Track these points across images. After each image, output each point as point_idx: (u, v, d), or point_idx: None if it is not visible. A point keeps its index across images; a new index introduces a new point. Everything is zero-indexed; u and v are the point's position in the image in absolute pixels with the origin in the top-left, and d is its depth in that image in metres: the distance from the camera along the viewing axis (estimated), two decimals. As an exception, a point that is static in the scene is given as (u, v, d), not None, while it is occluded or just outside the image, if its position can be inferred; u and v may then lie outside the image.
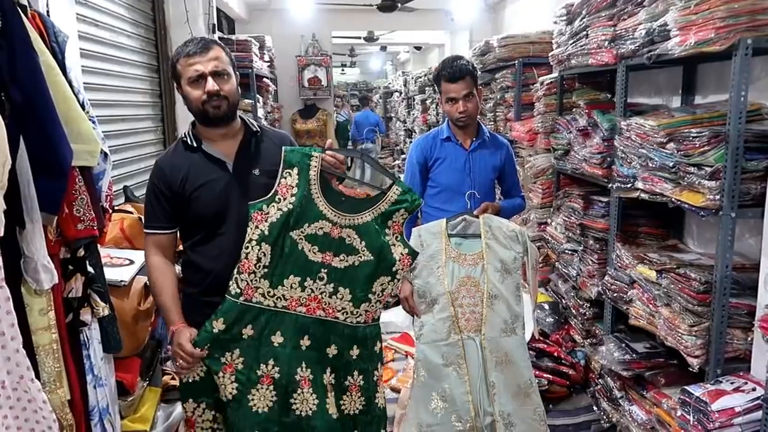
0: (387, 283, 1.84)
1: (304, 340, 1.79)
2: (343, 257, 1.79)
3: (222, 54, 1.79)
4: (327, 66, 6.66)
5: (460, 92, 2.44)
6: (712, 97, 2.61)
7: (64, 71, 1.43)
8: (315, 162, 1.75)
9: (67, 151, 1.33)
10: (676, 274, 2.25)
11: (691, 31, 2.02)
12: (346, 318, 1.82)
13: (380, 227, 1.81)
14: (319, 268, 1.78)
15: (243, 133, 1.88)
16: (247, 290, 1.74)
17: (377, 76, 19.65)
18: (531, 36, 4.40)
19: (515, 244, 2.31)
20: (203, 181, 1.79)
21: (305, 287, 1.77)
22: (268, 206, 1.72)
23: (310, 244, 1.76)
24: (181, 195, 1.79)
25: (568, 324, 3.47)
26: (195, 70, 1.73)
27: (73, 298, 1.50)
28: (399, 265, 1.83)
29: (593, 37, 2.87)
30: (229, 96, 1.78)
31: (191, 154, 1.82)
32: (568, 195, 3.38)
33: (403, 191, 1.82)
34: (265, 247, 1.72)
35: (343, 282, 1.80)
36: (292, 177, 1.74)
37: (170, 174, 1.79)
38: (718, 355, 2.09)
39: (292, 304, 1.78)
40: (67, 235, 1.43)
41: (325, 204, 1.76)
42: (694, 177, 2.09)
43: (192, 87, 1.75)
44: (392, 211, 1.81)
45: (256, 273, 1.73)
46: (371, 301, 1.83)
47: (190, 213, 1.80)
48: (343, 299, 1.81)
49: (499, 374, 2.28)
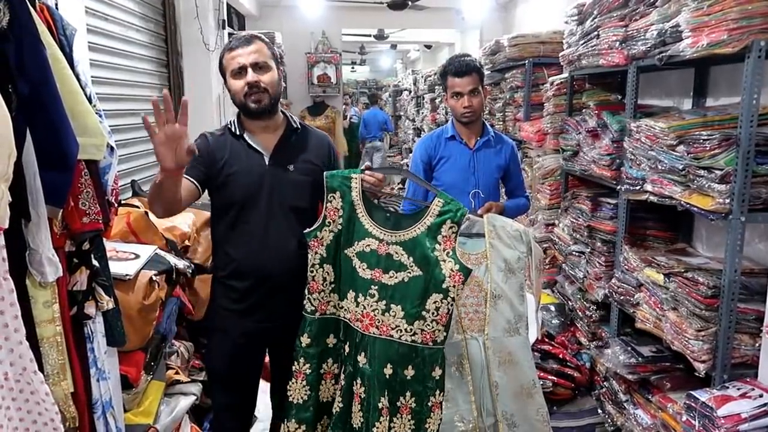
0: (440, 302, 1.79)
1: (361, 357, 1.83)
2: (392, 274, 1.81)
3: (263, 47, 1.86)
4: (336, 63, 6.66)
5: (465, 87, 2.43)
6: (724, 99, 2.58)
7: (71, 65, 1.43)
8: (355, 183, 1.82)
9: (73, 144, 1.33)
10: (684, 277, 2.23)
11: (703, 32, 2.00)
12: (401, 336, 1.81)
13: (430, 242, 1.79)
14: (369, 284, 1.82)
15: (284, 128, 1.94)
16: (320, 306, 1.87)
17: (387, 74, 19.64)
18: (541, 36, 4.37)
19: (519, 243, 2.29)
20: (239, 167, 1.86)
21: (359, 303, 1.83)
22: (321, 231, 1.83)
23: (360, 261, 1.83)
24: (218, 174, 1.86)
25: (574, 326, 3.45)
26: (237, 62, 1.82)
27: (78, 291, 1.50)
28: (449, 281, 1.78)
29: (604, 38, 2.84)
30: (270, 88, 1.84)
31: (234, 140, 1.89)
32: (576, 196, 3.36)
33: (446, 202, 1.81)
34: (327, 267, 1.84)
35: (395, 299, 1.81)
36: (337, 200, 1.82)
37: (214, 149, 1.87)
38: (725, 361, 2.07)
39: (352, 318, 1.86)
40: (73, 229, 1.44)
41: (371, 222, 1.82)
42: (704, 180, 2.07)
43: (234, 79, 1.84)
44: (438, 224, 1.80)
45: (324, 290, 1.86)
46: (426, 319, 1.80)
47: (222, 194, 1.88)
48: (396, 316, 1.81)
49: (502, 374, 2.27)
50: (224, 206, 1.89)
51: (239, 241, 1.88)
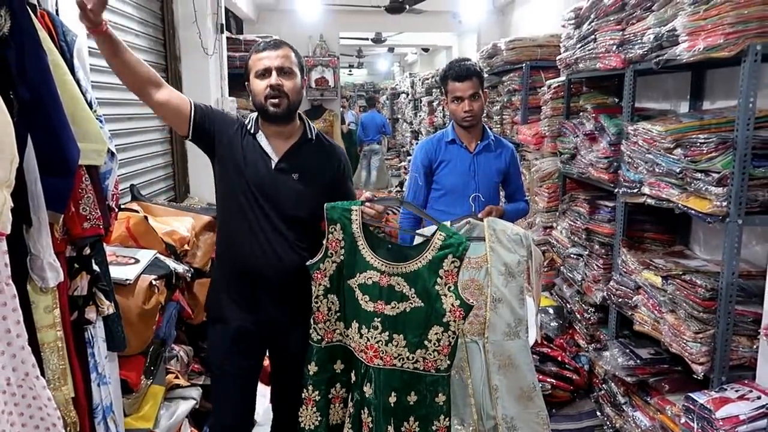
0: (441, 334, 1.81)
1: (367, 388, 1.84)
2: (394, 304, 1.81)
3: (291, 54, 1.88)
4: (334, 67, 6.68)
5: (466, 92, 2.44)
6: (720, 102, 2.60)
7: (72, 70, 1.43)
8: (355, 216, 1.82)
9: (74, 149, 1.33)
10: (682, 280, 2.24)
11: (699, 36, 2.02)
12: (404, 364, 1.83)
13: (431, 276, 1.79)
14: (373, 317, 1.82)
15: (299, 136, 1.94)
16: (326, 335, 1.88)
17: (384, 77, 19.67)
18: (539, 39, 4.39)
19: (519, 247, 2.30)
20: (244, 158, 1.86)
21: (363, 335, 1.84)
22: (323, 263, 1.84)
23: (362, 293, 1.83)
24: (215, 146, 1.88)
25: (573, 328, 3.46)
26: (263, 64, 1.84)
27: (79, 296, 1.51)
28: (450, 316, 1.79)
29: (601, 41, 2.86)
30: (291, 94, 1.85)
31: (247, 135, 1.90)
32: (573, 199, 3.37)
33: (448, 236, 1.80)
34: (332, 297, 1.86)
35: (397, 328, 1.81)
36: (338, 232, 1.82)
37: (224, 123, 1.90)
38: (723, 363, 2.08)
39: (356, 348, 1.87)
40: (73, 234, 1.44)
41: (372, 254, 1.82)
42: (701, 183, 2.08)
43: (258, 79, 1.85)
44: (440, 257, 1.79)
45: (330, 320, 1.87)
46: (428, 348, 1.81)
47: (224, 181, 1.90)
48: (398, 345, 1.82)
49: (502, 378, 2.27)
50: (225, 196, 1.91)
51: (235, 238, 1.90)
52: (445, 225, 1.88)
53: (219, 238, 2.01)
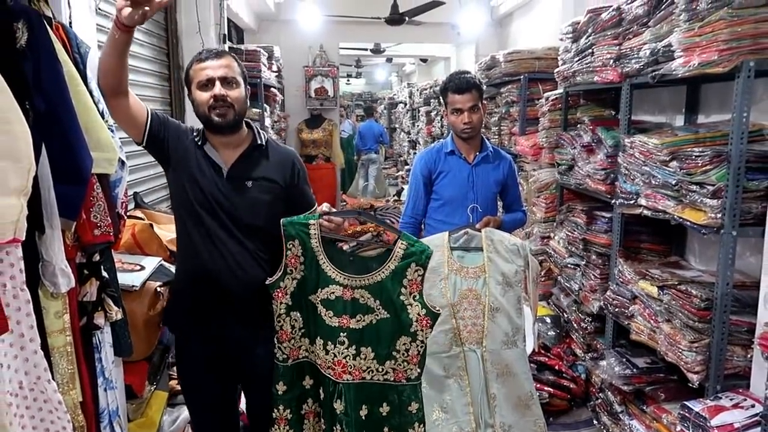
0: (409, 344, 1.79)
1: (337, 404, 1.80)
2: (359, 317, 1.78)
3: (233, 63, 1.85)
4: (334, 77, 6.73)
5: (465, 104, 2.48)
6: (715, 116, 2.65)
7: (85, 81, 1.47)
8: (313, 230, 1.78)
9: (87, 159, 1.37)
10: (677, 290, 2.27)
11: (695, 52, 2.07)
12: (373, 376, 1.80)
13: (394, 287, 1.76)
14: (338, 332, 1.78)
15: (248, 143, 1.91)
16: (292, 353, 1.84)
17: (382, 86, 19.78)
18: (537, 52, 4.46)
19: (516, 257, 2.34)
20: (194, 174, 1.82)
21: (328, 351, 1.79)
22: (283, 281, 1.79)
23: (325, 309, 1.79)
24: (168, 155, 1.84)
25: (570, 338, 3.50)
26: (205, 74, 1.79)
27: (88, 302, 1.54)
28: (416, 326, 1.77)
29: (598, 55, 2.91)
30: (236, 104, 1.81)
31: (196, 148, 1.86)
32: (571, 210, 3.41)
33: (410, 244, 1.77)
34: (294, 314, 1.81)
35: (364, 341, 1.78)
36: (296, 248, 1.78)
37: (179, 132, 1.86)
38: (718, 372, 2.11)
39: (323, 365, 1.82)
40: (84, 241, 1.47)
41: (333, 268, 1.78)
42: (696, 195, 2.13)
43: (201, 90, 1.80)
44: (403, 267, 1.76)
45: (294, 337, 1.83)
46: (397, 359, 1.79)
47: (178, 195, 1.85)
48: (367, 358, 1.79)
49: (500, 386, 2.30)
50: (180, 209, 1.86)
51: (193, 251, 1.83)
52: (407, 234, 1.84)
53: (179, 251, 1.92)
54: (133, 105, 1.77)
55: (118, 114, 1.71)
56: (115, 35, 1.57)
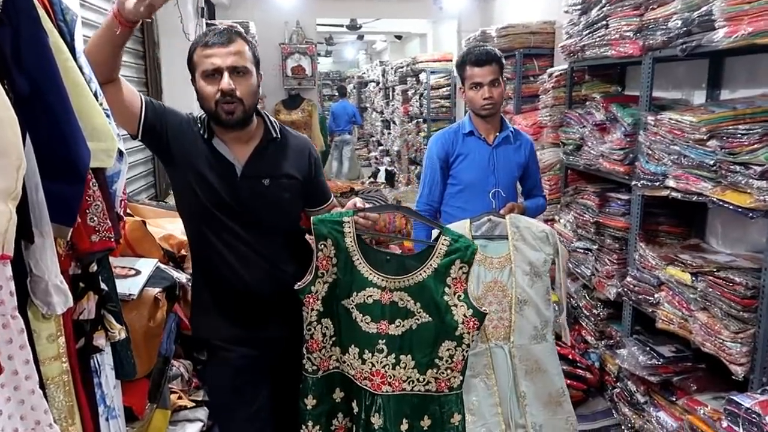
0: (454, 349, 1.64)
1: (375, 418, 1.64)
2: (398, 323, 1.63)
3: (245, 48, 1.61)
4: (312, 54, 6.43)
5: (486, 77, 2.28)
6: (742, 91, 2.51)
7: (74, 55, 1.21)
8: (348, 228, 1.62)
9: (84, 150, 1.12)
10: (716, 277, 2.14)
11: (742, 21, 1.91)
12: (414, 387, 1.65)
13: (437, 286, 1.62)
14: (376, 339, 1.63)
15: (261, 137, 1.71)
16: (322, 363, 1.70)
17: (350, 65, 19.35)
18: (532, 26, 4.27)
19: (545, 245, 2.17)
20: (204, 172, 1.62)
21: (365, 360, 1.64)
22: (314, 285, 1.64)
23: (361, 314, 1.64)
24: (170, 150, 1.64)
25: (578, 324, 3.38)
26: (212, 63, 1.56)
27: (85, 321, 1.29)
28: (463, 328, 1.62)
29: (615, 28, 2.74)
30: (245, 99, 1.60)
31: (202, 142, 1.65)
32: (579, 191, 3.27)
33: (453, 240, 1.62)
34: (326, 321, 1.67)
35: (404, 349, 1.63)
36: (328, 248, 1.62)
37: (180, 125, 1.66)
38: (765, 364, 1.99)
39: (358, 376, 1.67)
40: (81, 249, 1.22)
41: (370, 269, 1.62)
42: (740, 176, 1.98)
43: (206, 81, 1.59)
44: (447, 264, 1.61)
45: (326, 346, 1.68)
46: (440, 367, 1.64)
47: (188, 198, 1.66)
48: (407, 368, 1.64)
49: (529, 383, 2.16)
50: (191, 211, 1.69)
51: (218, 256, 1.67)
52: (449, 228, 1.70)
53: (197, 258, 1.75)
54: (126, 93, 1.54)
55: (108, 105, 1.44)
56: (114, 31, 1.37)
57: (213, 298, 1.71)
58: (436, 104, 7.18)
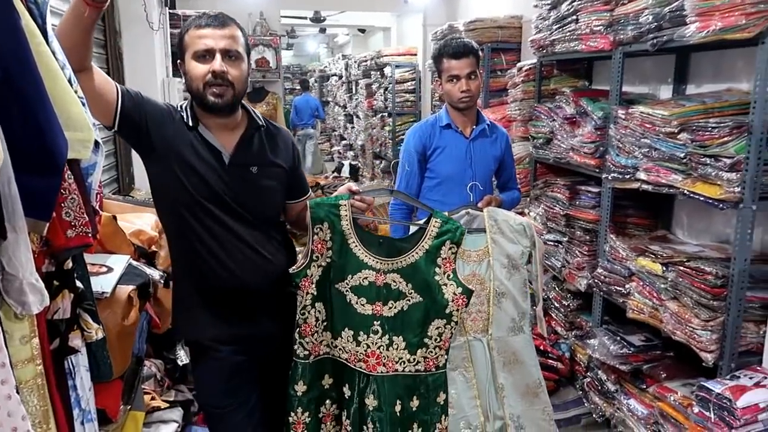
0: (443, 327, 1.70)
1: (370, 399, 1.67)
2: (391, 304, 1.68)
3: (238, 33, 1.59)
4: (276, 47, 6.31)
5: (463, 70, 2.28)
6: (707, 86, 2.58)
7: (46, 39, 1.14)
8: (344, 211, 1.65)
9: (61, 139, 1.05)
10: (687, 267, 2.20)
11: (713, 17, 1.95)
12: (405, 368, 1.70)
13: (429, 267, 1.68)
14: (372, 321, 1.68)
15: (246, 125, 1.68)
16: (314, 348, 1.70)
17: (312, 59, 19.15)
18: (499, 20, 4.29)
19: (523, 238, 2.18)
20: (191, 161, 1.57)
21: (360, 342, 1.68)
22: (310, 269, 1.65)
23: (357, 297, 1.68)
24: (150, 141, 1.57)
25: (548, 315, 3.43)
26: (204, 43, 1.54)
27: (60, 320, 1.22)
28: (453, 306, 1.69)
29: (585, 22, 2.78)
30: (236, 83, 1.57)
31: (186, 130, 1.60)
32: (549, 184, 3.31)
33: (443, 222, 1.70)
34: (319, 305, 1.68)
35: (395, 330, 1.68)
36: (324, 232, 1.65)
37: (161, 115, 1.59)
38: (733, 350, 2.06)
39: (351, 359, 1.71)
40: (56, 245, 1.15)
41: (365, 252, 1.67)
42: (710, 168, 2.04)
43: (197, 62, 1.55)
44: (437, 246, 1.68)
45: (318, 331, 1.69)
46: (429, 347, 1.70)
47: (171, 189, 1.58)
48: (398, 348, 1.70)
49: (507, 375, 2.17)
50: (176, 205, 1.60)
51: (205, 249, 1.61)
52: (439, 211, 1.75)
53: (179, 253, 1.68)
54: (99, 82, 1.47)
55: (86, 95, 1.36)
56: (82, 12, 1.30)
57: (199, 294, 1.65)
58: (401, 98, 7.17)
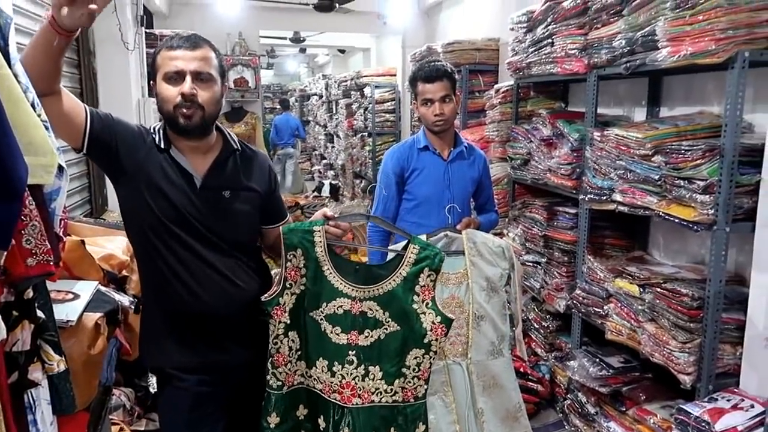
0: (422, 357, 1.62)
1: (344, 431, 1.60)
2: (368, 333, 1.62)
3: (211, 56, 1.56)
4: (255, 67, 6.31)
5: (436, 93, 2.28)
6: (679, 109, 2.62)
7: (8, 62, 1.10)
8: (318, 237, 1.59)
9: (20, 165, 1.01)
10: (664, 288, 2.20)
11: (684, 42, 1.98)
12: (381, 398, 1.63)
13: (406, 294, 1.61)
14: (347, 351, 1.61)
15: (220, 149, 1.64)
16: (287, 379, 1.64)
17: (292, 78, 19.20)
18: (477, 42, 4.35)
19: (501, 260, 2.17)
20: (160, 184, 1.54)
21: (334, 372, 1.62)
22: (282, 296, 1.59)
23: (331, 326, 1.61)
24: (120, 164, 1.53)
25: (528, 336, 3.42)
26: (174, 65, 1.51)
27: (19, 352, 1.17)
28: (431, 335, 1.62)
29: (560, 46, 2.81)
30: (206, 106, 1.53)
31: (158, 152, 1.57)
32: (527, 205, 3.32)
33: (422, 248, 1.62)
34: (293, 334, 1.62)
35: (372, 360, 1.61)
36: (298, 259, 1.59)
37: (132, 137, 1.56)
38: (710, 372, 2.06)
39: (326, 389, 1.64)
40: (15, 274, 1.11)
41: (340, 279, 1.60)
42: (684, 191, 2.06)
43: (168, 83, 1.52)
44: (416, 273, 1.61)
45: (291, 360, 1.63)
46: (407, 377, 1.62)
47: (141, 213, 1.54)
48: (375, 379, 1.62)
49: (487, 399, 2.14)
50: (143, 229, 1.56)
51: (173, 275, 1.56)
52: (417, 237, 1.69)
53: (147, 278, 1.63)
54: (67, 104, 1.43)
55: (48, 117, 1.30)
56: (51, 40, 1.27)
57: (166, 321, 1.59)
58: (381, 118, 7.19)
